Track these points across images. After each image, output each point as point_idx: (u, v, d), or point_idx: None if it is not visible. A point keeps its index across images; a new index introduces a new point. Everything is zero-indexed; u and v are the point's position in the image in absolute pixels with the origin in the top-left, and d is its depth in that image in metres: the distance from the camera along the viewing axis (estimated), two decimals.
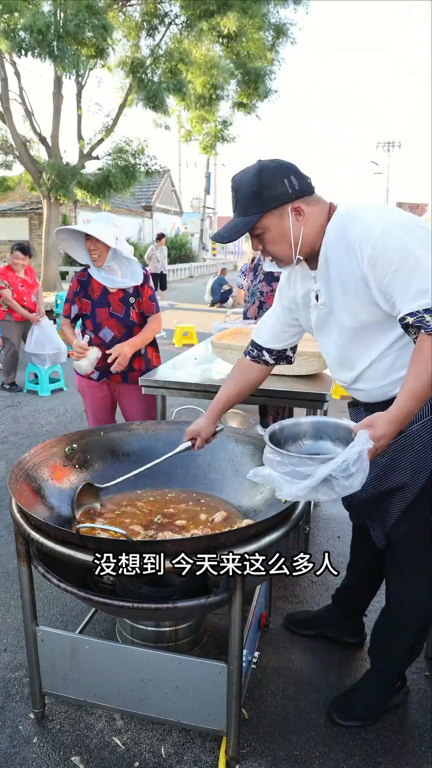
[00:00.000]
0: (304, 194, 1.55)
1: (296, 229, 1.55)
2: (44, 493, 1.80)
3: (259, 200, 1.52)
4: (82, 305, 2.90)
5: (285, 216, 1.54)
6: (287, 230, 1.55)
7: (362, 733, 1.82)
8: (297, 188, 1.53)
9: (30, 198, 21.01)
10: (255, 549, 1.46)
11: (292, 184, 1.52)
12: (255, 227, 1.56)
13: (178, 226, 33.83)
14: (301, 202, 1.54)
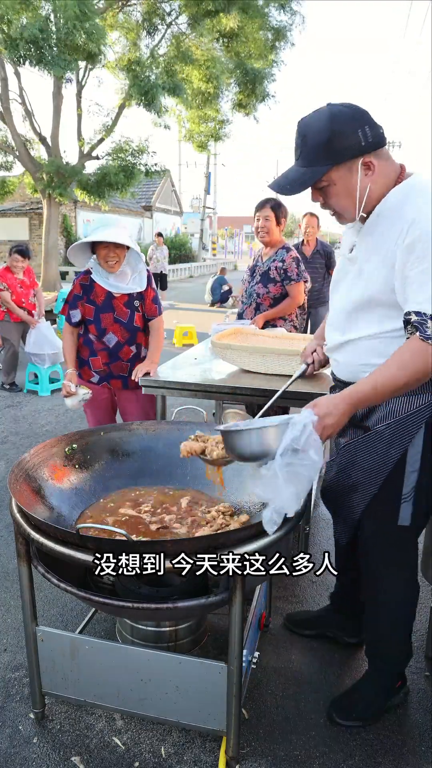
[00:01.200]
0: (377, 147, 1.44)
1: (363, 185, 1.44)
2: (44, 493, 1.80)
3: (328, 151, 1.41)
4: (85, 310, 2.86)
5: (354, 170, 1.43)
6: (354, 185, 1.45)
7: (362, 733, 1.82)
8: (370, 140, 1.42)
9: (30, 198, 21.00)
10: (255, 549, 1.46)
11: (365, 135, 1.41)
12: (321, 179, 1.45)
13: (178, 226, 33.83)
14: (373, 156, 1.44)
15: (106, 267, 2.75)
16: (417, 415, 1.54)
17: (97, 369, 2.94)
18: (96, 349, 2.90)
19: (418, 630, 2.31)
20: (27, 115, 12.88)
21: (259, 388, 2.54)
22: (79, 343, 2.96)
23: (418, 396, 1.53)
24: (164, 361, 3.11)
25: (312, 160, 1.44)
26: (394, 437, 1.57)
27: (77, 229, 22.30)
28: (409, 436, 1.56)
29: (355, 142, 1.41)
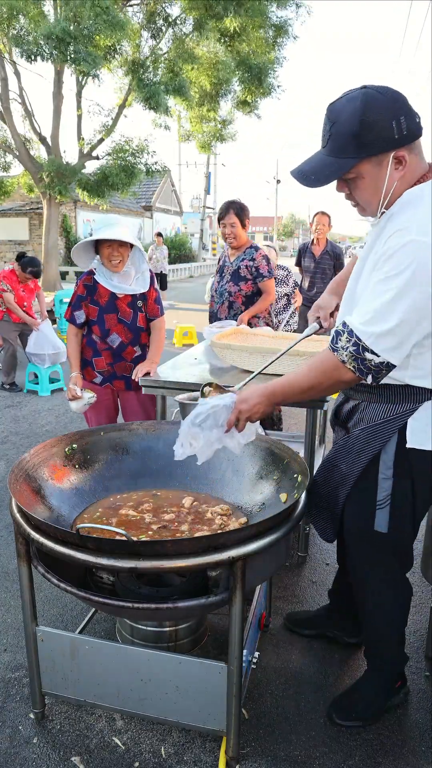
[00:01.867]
0: (412, 139, 1.33)
1: (392, 180, 1.35)
2: (44, 493, 1.80)
3: (359, 142, 1.31)
4: (88, 311, 2.86)
5: (384, 164, 1.34)
6: (383, 180, 1.35)
7: (362, 733, 1.82)
8: (405, 132, 1.31)
9: (30, 198, 21.01)
10: (255, 549, 1.46)
11: (400, 128, 1.30)
12: (348, 171, 1.36)
13: (178, 226, 33.82)
14: (406, 149, 1.33)
15: (110, 266, 2.74)
16: (390, 423, 1.55)
17: (100, 369, 2.95)
18: (100, 349, 2.91)
19: (418, 630, 2.31)
20: (27, 115, 12.89)
21: None
22: (81, 344, 2.96)
23: (393, 405, 1.55)
24: (164, 361, 3.11)
25: (340, 150, 1.34)
26: (367, 442, 1.59)
27: (77, 229, 22.29)
28: (381, 442, 1.57)
29: (388, 134, 1.30)
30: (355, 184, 1.41)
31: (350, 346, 1.37)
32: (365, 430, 1.60)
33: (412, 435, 1.52)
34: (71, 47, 9.93)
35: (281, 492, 1.81)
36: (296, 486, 1.73)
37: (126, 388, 2.98)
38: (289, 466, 1.86)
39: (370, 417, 1.59)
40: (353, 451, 1.64)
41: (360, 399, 1.65)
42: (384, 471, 1.59)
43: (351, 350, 1.37)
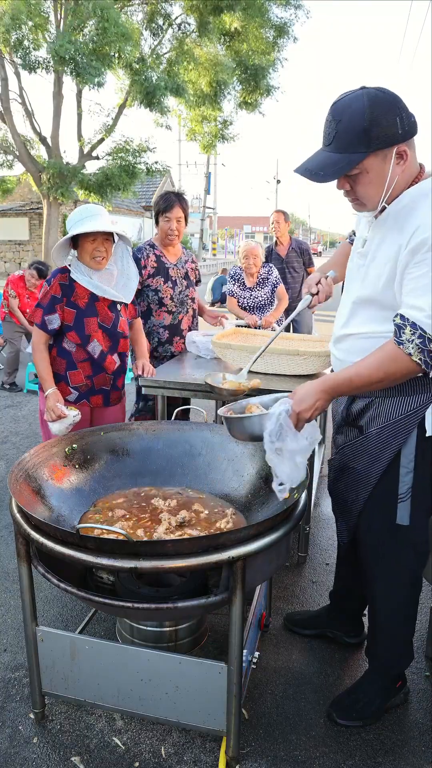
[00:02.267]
0: (412, 135, 1.41)
1: (394, 174, 1.42)
2: (44, 493, 1.80)
3: (366, 138, 1.36)
4: (64, 315, 2.45)
5: (388, 159, 1.40)
6: (386, 174, 1.41)
7: (362, 733, 1.82)
8: (407, 128, 1.39)
9: (30, 198, 21.02)
10: (255, 549, 1.46)
11: (403, 124, 1.37)
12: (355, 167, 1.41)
13: None
14: (407, 145, 1.41)
15: (91, 263, 2.42)
16: (409, 419, 1.57)
17: (76, 384, 2.53)
18: (76, 360, 2.50)
19: (418, 630, 2.31)
20: (27, 115, 12.88)
21: (260, 388, 2.53)
22: (51, 356, 2.52)
23: (410, 398, 1.56)
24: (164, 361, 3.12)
25: (347, 146, 1.38)
26: (387, 440, 1.60)
27: None
28: (402, 438, 1.59)
29: (393, 130, 1.37)
30: (359, 179, 1.44)
31: (416, 339, 1.38)
32: (384, 428, 1.59)
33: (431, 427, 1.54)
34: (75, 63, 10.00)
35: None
36: (296, 486, 1.73)
37: (104, 404, 2.61)
38: None
39: (387, 413, 1.59)
40: (370, 452, 1.64)
41: (372, 396, 1.63)
42: (406, 465, 1.60)
43: (417, 343, 1.38)
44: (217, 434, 2.15)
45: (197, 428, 2.19)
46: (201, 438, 2.16)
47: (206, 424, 2.22)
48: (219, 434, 2.15)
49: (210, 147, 15.47)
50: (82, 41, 10.20)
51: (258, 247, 4.30)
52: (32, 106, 12.90)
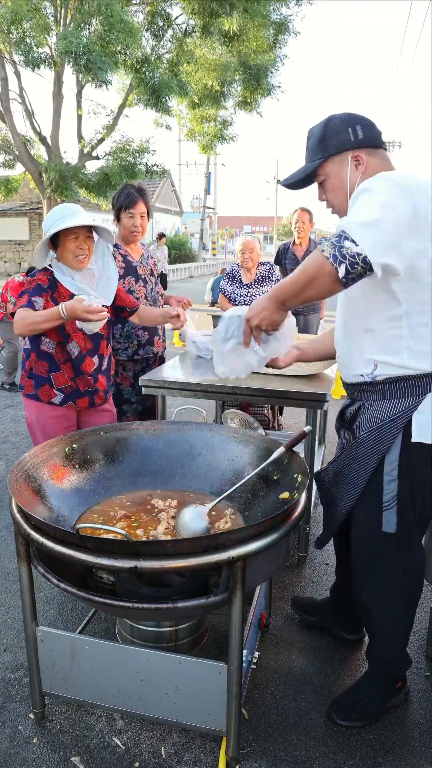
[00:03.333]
0: (369, 145, 1.57)
1: (353, 178, 1.57)
2: (44, 493, 1.80)
3: (323, 146, 1.59)
4: (47, 306, 2.31)
5: (345, 163, 1.58)
6: (345, 177, 1.58)
7: (362, 733, 1.82)
8: (361, 137, 1.56)
9: (30, 198, 21.02)
10: (255, 549, 1.46)
11: (356, 133, 1.56)
12: (318, 173, 1.63)
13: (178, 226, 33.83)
14: (364, 152, 1.57)
15: (73, 263, 2.34)
16: (394, 422, 1.58)
17: (61, 386, 2.44)
18: (58, 360, 2.41)
19: (418, 630, 2.31)
20: (27, 115, 12.89)
21: (259, 388, 2.54)
22: (31, 360, 2.42)
23: (397, 401, 1.58)
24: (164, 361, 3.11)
25: (312, 156, 1.62)
26: (373, 446, 1.61)
27: None
28: (387, 443, 1.59)
29: (345, 137, 1.57)
30: (327, 186, 1.64)
31: (333, 239, 1.40)
32: (372, 432, 1.61)
33: (417, 429, 1.55)
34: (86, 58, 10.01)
35: (281, 492, 1.81)
36: (296, 486, 1.73)
37: (90, 405, 2.54)
38: (289, 466, 1.86)
39: (376, 416, 1.62)
40: (358, 458, 1.66)
41: (363, 399, 1.67)
42: (389, 472, 1.61)
43: (333, 240, 1.40)
44: (217, 434, 2.15)
45: (197, 428, 2.19)
46: (201, 438, 2.16)
47: (206, 424, 2.22)
48: (219, 434, 2.15)
49: (209, 148, 15.48)
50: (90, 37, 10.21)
51: (255, 241, 4.09)
52: (32, 106, 12.90)
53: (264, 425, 3.70)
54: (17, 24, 9.91)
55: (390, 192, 1.40)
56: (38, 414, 2.46)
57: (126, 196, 3.00)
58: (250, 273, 4.15)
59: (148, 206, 3.06)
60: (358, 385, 1.66)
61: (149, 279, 3.17)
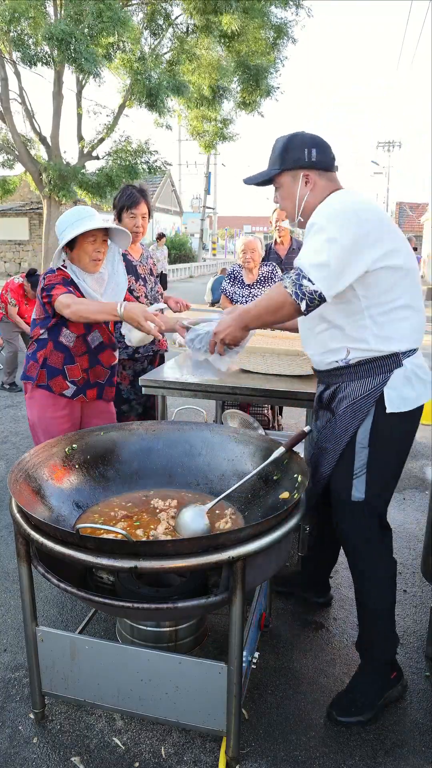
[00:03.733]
0: (320, 168, 1.80)
1: (302, 193, 1.81)
2: (44, 493, 1.80)
3: (281, 158, 1.82)
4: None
5: (297, 179, 1.81)
6: (295, 191, 1.82)
7: (362, 733, 1.82)
8: (314, 160, 1.79)
9: (30, 198, 21.01)
10: (255, 549, 1.46)
11: (311, 155, 1.79)
12: (274, 180, 1.86)
13: (178, 226, 33.83)
14: (315, 172, 1.80)
15: (88, 266, 2.37)
16: (369, 397, 1.77)
17: (74, 379, 2.45)
18: (74, 353, 2.43)
19: (418, 630, 2.31)
20: (27, 115, 12.88)
21: (259, 387, 2.54)
22: (46, 350, 2.42)
23: (370, 379, 1.77)
24: (164, 361, 3.11)
25: (272, 164, 1.86)
26: (351, 418, 1.79)
27: None
28: (362, 415, 1.77)
29: (300, 156, 1.79)
30: (279, 193, 1.88)
31: (293, 275, 1.66)
32: (349, 407, 1.79)
33: (390, 402, 1.74)
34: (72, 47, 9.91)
35: (281, 492, 1.81)
36: (296, 486, 1.73)
37: (97, 397, 2.56)
38: (289, 466, 1.86)
39: (352, 394, 1.79)
40: (336, 431, 1.82)
41: (339, 381, 1.85)
42: (361, 441, 1.79)
43: (293, 278, 1.66)
44: (217, 434, 2.15)
45: (197, 428, 2.19)
46: (201, 438, 2.16)
47: (206, 424, 2.22)
48: (219, 434, 2.15)
49: (210, 146, 15.48)
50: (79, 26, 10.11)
51: (256, 241, 4.02)
52: (32, 106, 12.89)
53: (264, 425, 3.69)
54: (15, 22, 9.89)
55: (334, 226, 1.64)
56: (42, 412, 2.45)
57: (128, 197, 3.02)
58: (252, 273, 4.12)
59: (149, 206, 3.08)
60: (333, 370, 1.84)
61: (149, 278, 3.18)
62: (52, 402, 2.44)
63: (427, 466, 4.16)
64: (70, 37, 9.72)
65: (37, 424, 2.48)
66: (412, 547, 2.96)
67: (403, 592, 2.55)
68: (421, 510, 3.40)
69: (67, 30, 9.65)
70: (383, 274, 1.68)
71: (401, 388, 1.75)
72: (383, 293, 1.71)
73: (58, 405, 2.45)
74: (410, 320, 1.76)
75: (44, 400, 2.44)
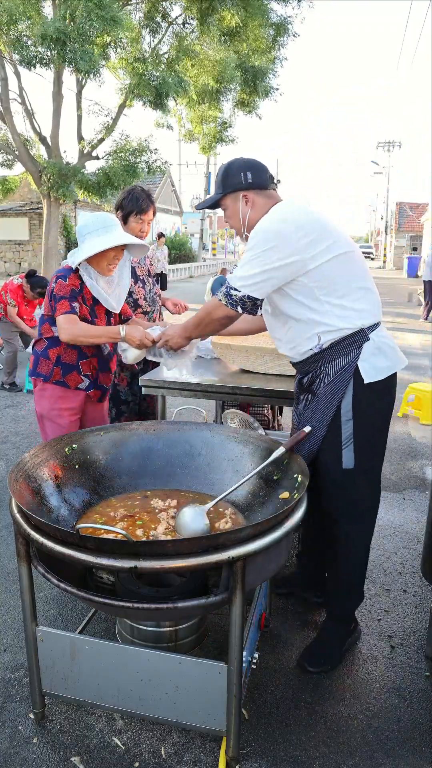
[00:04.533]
0: (257, 187, 2.01)
1: (244, 211, 2.03)
2: (44, 493, 1.80)
3: (223, 184, 2.04)
4: (81, 309, 2.44)
5: (237, 200, 2.02)
6: (238, 211, 2.03)
7: (362, 732, 1.82)
8: (250, 181, 2.00)
9: (30, 198, 21.01)
10: (255, 549, 1.46)
11: (246, 178, 2.00)
12: (220, 203, 2.09)
13: (178, 225, 33.83)
14: (252, 192, 2.01)
15: (103, 270, 2.45)
16: (345, 372, 1.92)
17: (87, 373, 2.53)
18: (87, 352, 2.52)
19: (418, 630, 2.31)
20: (27, 115, 12.88)
21: (259, 388, 2.54)
22: (59, 348, 2.49)
23: (343, 356, 1.93)
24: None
25: (216, 190, 2.09)
26: (332, 395, 1.93)
27: None
28: (342, 389, 1.92)
29: (237, 180, 2.01)
30: (226, 214, 2.09)
31: (224, 289, 1.94)
32: (329, 385, 1.94)
33: (365, 373, 1.90)
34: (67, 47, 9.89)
35: (281, 492, 1.81)
36: (296, 486, 1.73)
37: (98, 400, 2.65)
38: (289, 466, 1.86)
39: (330, 374, 1.95)
40: (321, 409, 1.96)
41: (317, 366, 1.98)
42: (345, 414, 1.93)
43: (224, 290, 1.94)
44: (217, 434, 2.15)
45: (197, 428, 2.19)
46: (201, 438, 2.16)
47: (206, 424, 2.22)
48: (219, 434, 2.15)
49: (209, 149, 15.48)
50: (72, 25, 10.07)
51: None
52: (32, 106, 12.89)
53: (264, 425, 3.69)
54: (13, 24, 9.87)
55: (258, 243, 1.85)
56: (53, 403, 2.51)
57: (138, 202, 3.00)
58: None
59: (155, 211, 3.11)
60: (310, 358, 1.99)
61: (147, 280, 3.19)
62: (64, 395, 2.52)
63: (427, 466, 4.16)
64: (65, 36, 9.70)
65: (46, 415, 2.53)
66: (412, 547, 2.96)
67: (403, 592, 2.56)
68: (421, 510, 3.40)
69: (61, 28, 9.63)
70: (330, 264, 1.86)
71: (373, 359, 1.92)
72: (336, 279, 1.88)
73: (69, 398, 2.52)
74: (366, 297, 1.94)
75: (57, 392, 2.51)
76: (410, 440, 4.74)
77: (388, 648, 2.21)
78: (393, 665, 2.12)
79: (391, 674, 2.08)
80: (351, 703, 1.94)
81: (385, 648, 2.21)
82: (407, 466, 4.16)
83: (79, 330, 2.36)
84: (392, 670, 2.10)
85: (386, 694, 1.99)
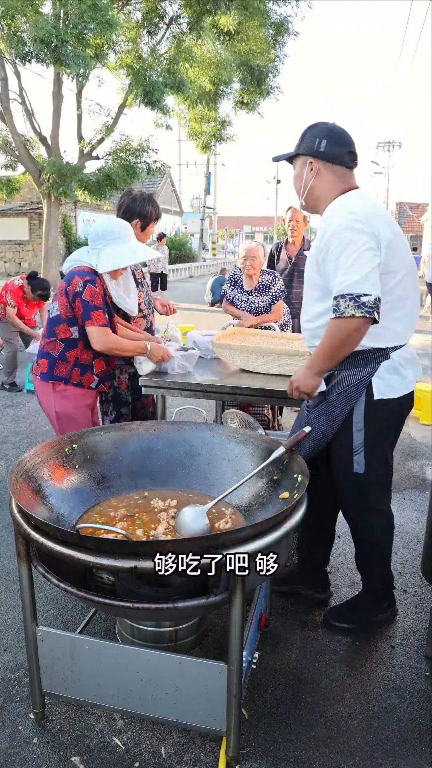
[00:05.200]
0: (326, 159, 1.97)
1: (307, 178, 2.02)
2: (44, 493, 1.80)
3: (299, 143, 2.04)
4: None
5: (305, 164, 2.01)
6: (302, 174, 2.03)
7: (362, 732, 1.82)
8: (322, 150, 1.97)
9: (30, 198, 21.00)
10: (255, 549, 1.46)
11: (319, 145, 1.97)
12: (292, 160, 2.09)
13: (178, 226, 33.84)
14: (320, 162, 1.98)
15: (116, 273, 2.57)
16: (359, 386, 1.98)
17: (98, 371, 2.62)
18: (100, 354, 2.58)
19: (418, 630, 2.31)
20: (27, 115, 12.88)
21: (259, 388, 2.54)
22: (77, 349, 2.53)
23: (360, 369, 1.98)
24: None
25: (295, 146, 2.07)
26: (343, 403, 2.00)
27: (77, 229, 22.27)
28: (353, 401, 1.99)
29: (311, 144, 1.99)
30: (294, 173, 2.10)
31: (350, 302, 1.79)
32: (341, 394, 2.00)
33: (378, 390, 1.97)
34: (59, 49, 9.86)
35: (281, 492, 1.81)
36: (296, 486, 1.73)
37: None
38: (289, 466, 1.86)
39: (344, 382, 2.00)
40: (329, 414, 2.02)
41: (335, 369, 2.03)
42: (357, 423, 2.01)
43: (351, 304, 1.79)
44: (217, 434, 2.15)
45: (197, 428, 2.19)
46: (201, 438, 2.16)
47: (206, 424, 2.22)
48: (219, 434, 2.15)
49: (208, 148, 15.48)
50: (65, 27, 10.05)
51: (259, 248, 4.00)
52: (32, 106, 12.89)
53: (264, 425, 3.69)
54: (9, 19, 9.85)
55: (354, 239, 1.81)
56: (75, 402, 2.57)
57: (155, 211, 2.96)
58: (252, 280, 4.07)
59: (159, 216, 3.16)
60: None
61: (143, 283, 3.17)
62: (82, 394, 2.60)
63: (427, 466, 4.16)
64: (57, 39, 9.69)
65: (69, 414, 2.58)
66: (412, 547, 2.96)
67: (403, 592, 2.55)
68: (421, 510, 3.40)
69: (52, 31, 9.61)
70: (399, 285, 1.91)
71: (388, 377, 1.97)
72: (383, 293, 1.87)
73: (87, 396, 2.62)
74: (403, 321, 1.97)
75: (76, 392, 2.58)
76: (410, 440, 4.74)
77: (388, 648, 2.21)
78: (393, 665, 2.12)
79: (391, 674, 2.08)
80: (351, 703, 1.94)
81: (385, 648, 2.21)
82: (407, 466, 4.16)
83: (114, 343, 2.49)
84: (392, 670, 2.09)
85: (386, 694, 1.98)
